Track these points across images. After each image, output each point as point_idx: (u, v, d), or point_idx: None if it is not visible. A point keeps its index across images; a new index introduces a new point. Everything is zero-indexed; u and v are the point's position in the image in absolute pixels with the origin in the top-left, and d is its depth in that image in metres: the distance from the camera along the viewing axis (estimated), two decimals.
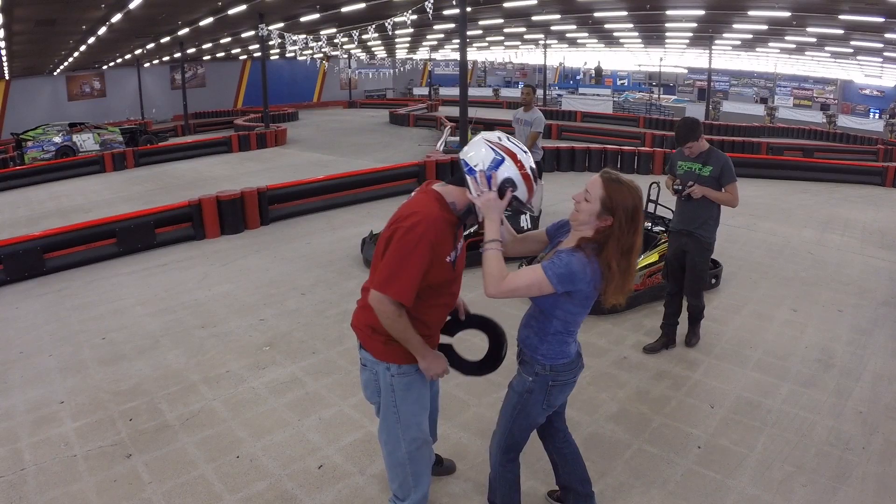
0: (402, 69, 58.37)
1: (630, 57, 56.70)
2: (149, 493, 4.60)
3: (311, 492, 4.59)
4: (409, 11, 21.14)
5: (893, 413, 5.86)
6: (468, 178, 3.34)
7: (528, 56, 55.91)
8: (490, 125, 24.59)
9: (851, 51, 37.06)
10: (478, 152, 3.38)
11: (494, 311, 4.02)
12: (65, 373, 6.63)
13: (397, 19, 22.13)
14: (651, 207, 8.79)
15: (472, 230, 9.85)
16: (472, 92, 55.75)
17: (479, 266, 3.43)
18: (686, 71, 59.95)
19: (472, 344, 4.29)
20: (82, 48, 33.29)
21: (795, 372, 6.62)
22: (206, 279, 9.52)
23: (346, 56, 53.95)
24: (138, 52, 39.79)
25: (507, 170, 3.32)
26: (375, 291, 3.28)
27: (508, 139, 3.43)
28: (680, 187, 6.58)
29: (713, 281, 9.00)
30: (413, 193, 3.56)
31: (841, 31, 29.40)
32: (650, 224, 8.89)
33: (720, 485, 4.73)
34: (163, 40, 34.39)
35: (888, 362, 6.93)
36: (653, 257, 8.32)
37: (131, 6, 22.44)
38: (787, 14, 26.44)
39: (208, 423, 5.52)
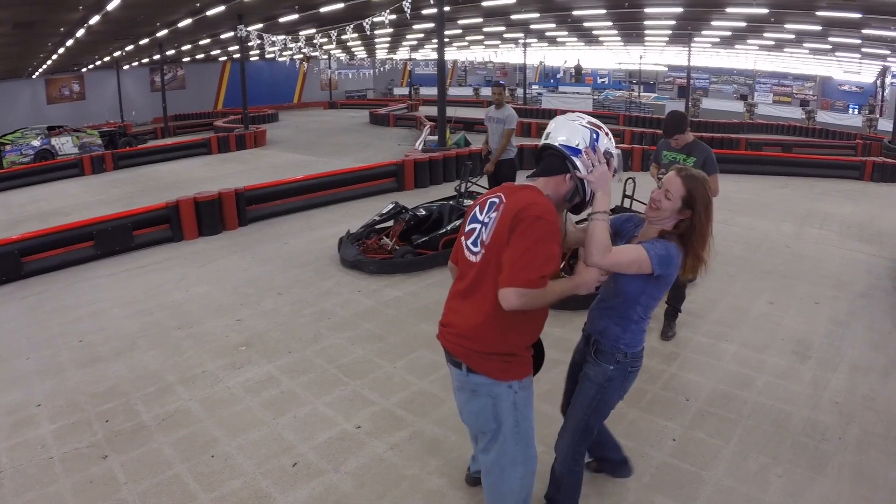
0: (382, 69, 58.36)
1: (610, 55, 56.76)
2: (124, 494, 4.60)
3: (286, 489, 4.61)
4: (388, 11, 21.14)
5: (870, 403, 5.94)
6: (575, 158, 3.39)
7: (509, 55, 55.96)
8: (470, 124, 24.63)
9: (830, 47, 37.21)
10: (573, 133, 3.44)
11: None
12: (42, 375, 6.62)
13: (376, 19, 22.14)
14: (627, 203, 8.86)
15: (449, 227, 9.95)
16: (453, 91, 55.93)
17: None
18: (666, 69, 60.04)
19: None
20: (61, 50, 33.08)
21: (772, 364, 6.70)
22: (184, 280, 9.52)
23: (325, 57, 53.89)
24: (117, 54, 39.57)
25: (604, 143, 3.45)
26: (509, 290, 3.11)
27: (589, 116, 3.55)
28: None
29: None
30: (505, 195, 3.39)
31: (819, 28, 29.52)
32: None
33: (695, 477, 4.76)
34: (142, 42, 34.21)
35: (865, 353, 7.02)
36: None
37: (109, 8, 22.30)
38: (765, 11, 26.53)
39: (184, 423, 5.53)
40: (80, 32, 27.44)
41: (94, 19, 24.50)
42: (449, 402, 5.74)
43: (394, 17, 22.27)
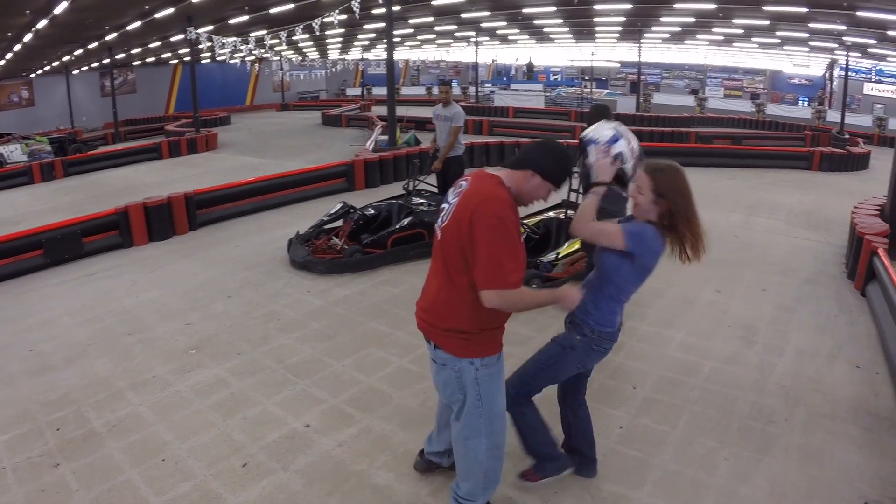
0: (334, 70, 58.13)
1: (562, 52, 57.04)
2: (77, 501, 4.61)
3: (236, 490, 4.65)
4: (337, 11, 21.10)
5: (816, 386, 6.14)
6: (589, 147, 4.30)
7: (461, 54, 56.02)
8: (422, 123, 24.65)
9: (778, 41, 37.72)
10: (599, 132, 4.39)
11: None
12: None
13: (325, 20, 22.09)
14: (573, 196, 8.96)
15: (398, 226, 9.97)
16: (406, 91, 55.91)
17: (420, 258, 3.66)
18: (618, 65, 60.45)
19: None
20: (8, 56, 32.60)
21: (718, 350, 6.89)
22: (135, 286, 9.47)
23: (277, 58, 53.58)
24: (66, 58, 38.96)
25: (620, 146, 4.33)
26: (488, 291, 3.37)
27: (623, 127, 4.31)
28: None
29: None
30: (471, 180, 3.64)
31: (767, 22, 29.90)
32: (573, 213, 9.06)
33: (642, 463, 4.89)
34: (91, 46, 33.74)
35: (811, 337, 7.26)
36: (575, 245, 8.50)
37: (57, 11, 22.00)
38: (713, 6, 26.82)
39: (135, 429, 5.53)
40: (28, 37, 27.09)
41: (42, 23, 24.18)
42: (397, 398, 5.85)
43: (344, 17, 22.21)
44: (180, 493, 4.63)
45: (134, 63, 49.93)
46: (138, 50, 39.91)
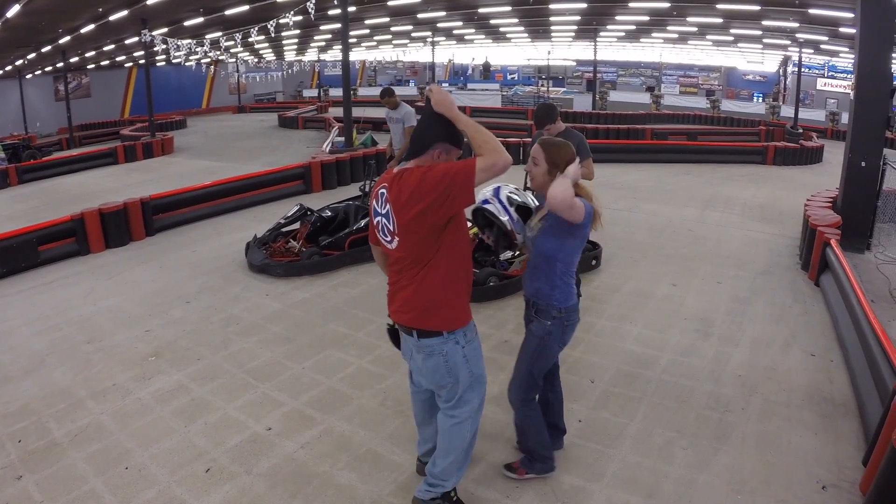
0: (291, 71, 57.87)
1: (519, 52, 57.29)
2: None
3: (200, 495, 4.65)
4: (292, 13, 21.03)
5: (772, 374, 6.30)
6: (488, 206, 4.36)
7: (418, 54, 56.02)
8: (378, 124, 24.61)
9: (732, 39, 38.20)
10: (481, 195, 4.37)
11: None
12: None
13: (281, 21, 22.01)
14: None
15: (355, 227, 10.00)
16: (363, 91, 55.78)
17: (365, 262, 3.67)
18: (574, 63, 60.78)
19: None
20: None
21: (675, 343, 7.02)
22: (92, 294, 9.38)
23: (233, 60, 53.24)
24: (19, 62, 38.45)
25: (504, 191, 4.43)
26: (476, 171, 3.36)
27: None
28: None
29: (593, 262, 9.36)
30: (389, 185, 3.69)
31: (720, 20, 30.27)
32: None
33: (601, 454, 4.98)
34: (44, 49, 33.31)
35: (766, 327, 7.42)
36: None
37: (9, 14, 21.71)
38: (667, 5, 27.14)
39: (96, 438, 5.49)
40: None
41: None
42: (357, 399, 5.88)
43: (299, 18, 22.16)
44: (145, 500, 4.62)
45: (88, 67, 49.33)
46: (92, 53, 39.48)
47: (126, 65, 52.00)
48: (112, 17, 25.70)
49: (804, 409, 5.67)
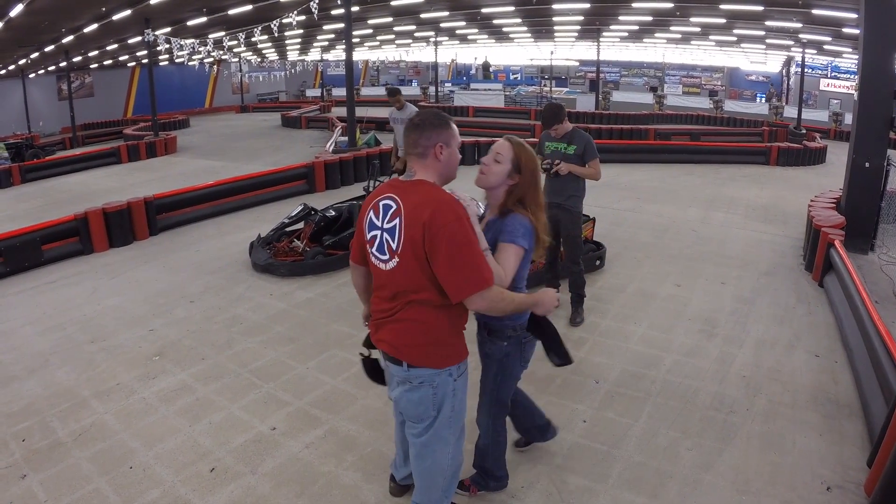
0: (294, 71, 57.92)
1: (522, 52, 57.33)
2: None
3: (204, 495, 4.65)
4: (296, 12, 21.05)
5: (776, 375, 6.27)
6: None
7: (421, 53, 56.06)
8: (381, 123, 24.65)
9: (735, 39, 38.23)
10: None
11: None
12: None
13: (284, 21, 22.02)
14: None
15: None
16: (366, 91, 55.73)
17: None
18: (578, 63, 60.80)
19: None
20: None
21: (679, 343, 7.00)
22: (96, 293, 9.38)
23: (236, 60, 53.28)
24: (22, 62, 38.49)
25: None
26: (472, 296, 3.27)
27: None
28: (548, 165, 7.09)
29: (597, 263, 9.34)
30: (399, 196, 3.41)
31: (723, 21, 30.28)
32: None
33: (606, 455, 4.97)
34: (47, 49, 33.34)
35: (770, 328, 7.40)
36: None
37: (12, 14, 21.75)
38: (670, 5, 27.14)
39: (100, 437, 5.50)
40: None
41: None
42: (361, 399, 5.87)
43: (302, 18, 22.18)
44: (149, 500, 4.62)
45: (91, 66, 49.40)
46: (95, 53, 39.52)
47: (129, 64, 52.14)
48: (115, 17, 25.74)
49: (809, 410, 5.66)
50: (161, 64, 50.36)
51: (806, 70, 36.98)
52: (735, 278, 9.19)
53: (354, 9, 23.11)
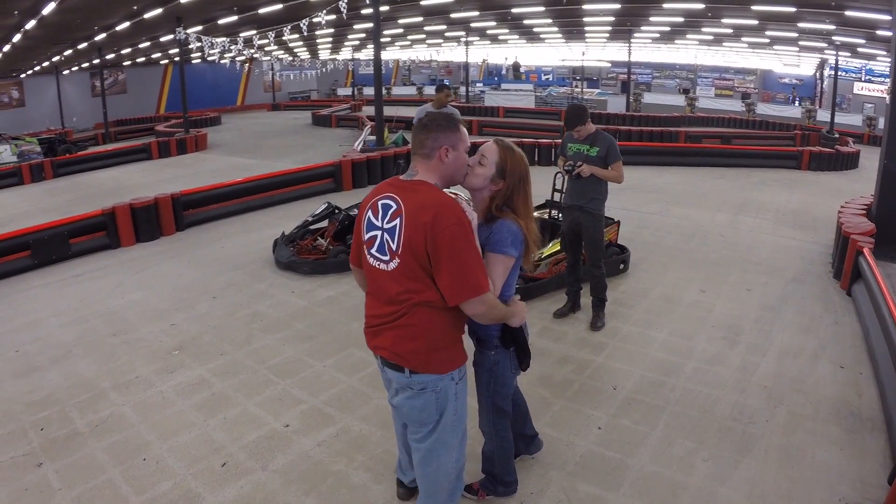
0: (325, 70, 58.13)
1: (553, 52, 57.16)
2: (59, 499, 4.63)
3: (215, 489, 4.67)
4: (325, 11, 21.09)
5: (799, 386, 6.12)
6: None
7: (452, 53, 56.05)
8: (411, 123, 24.64)
9: (768, 41, 37.85)
10: None
11: None
12: None
13: (314, 20, 22.08)
14: (556, 197, 8.97)
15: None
16: (397, 91, 55.87)
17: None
18: (609, 64, 60.58)
19: None
20: None
21: (701, 350, 6.87)
22: (121, 287, 9.48)
23: (268, 58, 53.56)
24: (56, 59, 38.90)
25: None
26: (470, 301, 3.26)
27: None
28: (570, 167, 7.06)
29: (621, 266, 9.25)
30: (400, 197, 3.36)
31: (756, 22, 30.01)
32: (557, 213, 9.07)
33: (620, 463, 4.88)
34: (80, 46, 33.67)
35: (795, 337, 7.24)
36: (557, 245, 8.49)
37: (45, 12, 21.98)
38: (701, 6, 26.92)
39: (117, 429, 5.55)
40: (17, 37, 27.04)
41: (31, 24, 24.15)
42: (376, 399, 5.85)
43: (332, 17, 22.22)
44: (160, 493, 4.65)
45: (124, 63, 49.88)
46: (128, 50, 39.88)
47: (161, 62, 52.54)
48: (147, 15, 25.95)
49: (830, 423, 5.52)
50: (193, 62, 50.79)
51: (840, 73, 36.55)
52: (761, 285, 9.05)
53: (384, 8, 23.19)
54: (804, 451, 5.07)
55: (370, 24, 24.32)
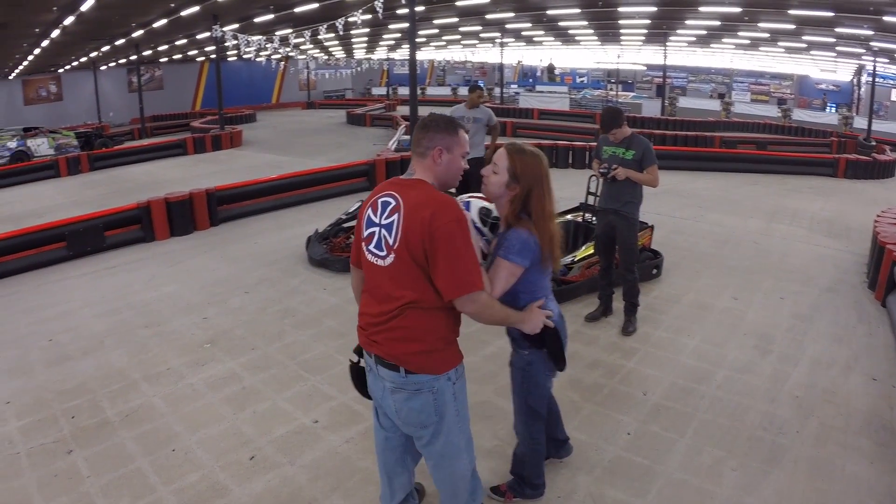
0: (360, 69, 58.30)
1: (588, 54, 56.94)
2: (87, 487, 4.69)
3: (242, 482, 4.71)
4: (360, 11, 21.15)
5: (830, 397, 6.00)
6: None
7: (487, 54, 55.99)
8: None
9: (805, 46, 37.43)
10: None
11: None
12: (11, 374, 6.69)
13: (350, 19, 22.15)
14: (591, 200, 8.93)
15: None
16: (432, 91, 55.88)
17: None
18: (645, 68, 60.23)
19: None
20: (36, 51, 32.90)
21: (732, 358, 6.77)
22: (154, 280, 9.58)
23: (303, 57, 53.79)
24: (94, 54, 39.33)
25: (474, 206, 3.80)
26: (462, 298, 3.23)
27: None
28: (605, 170, 7.01)
29: (654, 272, 9.18)
30: (398, 194, 3.35)
31: (793, 27, 29.71)
32: (591, 216, 9.02)
33: (647, 470, 4.84)
34: (118, 43, 34.02)
35: (827, 347, 7.10)
36: (591, 249, 8.44)
37: (83, 8, 22.21)
38: (738, 10, 26.70)
39: (147, 419, 5.62)
40: (55, 33, 27.33)
41: (69, 20, 24.41)
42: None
43: (367, 17, 22.28)
44: (188, 483, 4.70)
45: (161, 60, 50.30)
46: (165, 47, 40.27)
47: (198, 59, 52.93)
48: (184, 13, 26.18)
49: (861, 436, 5.42)
50: (229, 59, 51.13)
51: (877, 80, 36.07)
52: (794, 293, 8.92)
53: (419, 8, 23.20)
54: (834, 464, 4.98)
55: (406, 24, 24.35)
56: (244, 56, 47.71)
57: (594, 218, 8.53)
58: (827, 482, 4.74)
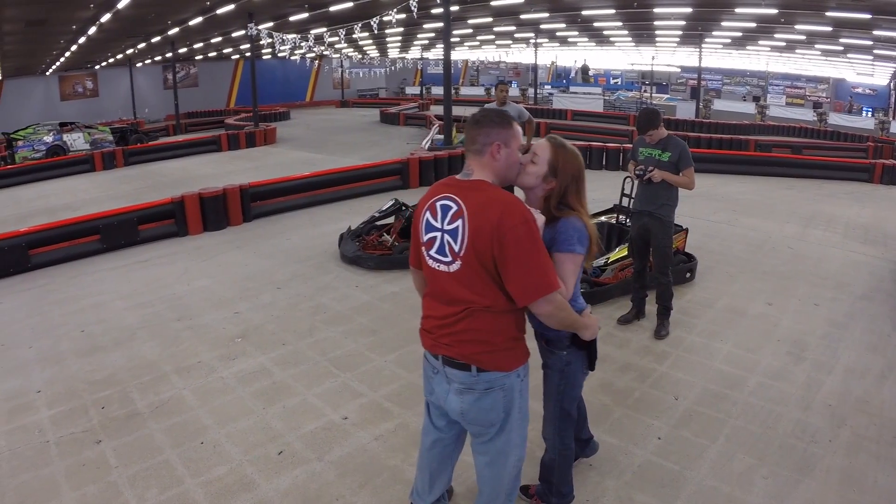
0: (394, 68, 58.43)
1: (622, 56, 56.78)
2: (114, 477, 4.71)
3: (270, 476, 4.70)
4: (395, 10, 21.19)
5: (864, 406, 5.86)
6: None
7: (521, 55, 55.94)
8: None
9: (841, 48, 37.13)
10: None
11: None
12: (43, 364, 6.75)
13: (384, 18, 22.20)
14: (625, 202, 8.85)
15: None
16: (465, 91, 55.85)
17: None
18: (679, 70, 59.95)
19: None
20: (73, 48, 33.34)
21: (765, 365, 6.64)
22: (186, 274, 9.62)
23: (337, 55, 54.00)
24: (130, 51, 39.82)
25: None
26: (539, 301, 3.14)
27: None
28: (641, 171, 6.93)
29: (688, 275, 9.08)
30: (460, 197, 3.22)
31: (829, 29, 29.50)
32: (625, 218, 8.95)
33: (677, 476, 4.75)
34: (154, 40, 34.43)
35: (862, 356, 6.94)
36: (624, 251, 8.37)
37: (120, 6, 22.49)
38: (774, 11, 26.53)
39: (176, 411, 5.64)
40: (92, 30, 27.69)
41: (106, 17, 24.75)
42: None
43: (402, 16, 22.33)
44: (215, 476, 4.70)
45: (196, 57, 50.74)
46: (200, 45, 40.65)
47: (233, 57, 53.32)
48: (219, 11, 26.44)
49: (894, 447, 5.27)
50: (264, 57, 51.42)
51: None
52: (829, 300, 8.76)
53: (454, 8, 23.20)
54: (866, 475, 4.86)
55: (440, 24, 24.43)
56: (279, 54, 47.97)
57: (628, 220, 8.46)
58: (858, 493, 4.64)
